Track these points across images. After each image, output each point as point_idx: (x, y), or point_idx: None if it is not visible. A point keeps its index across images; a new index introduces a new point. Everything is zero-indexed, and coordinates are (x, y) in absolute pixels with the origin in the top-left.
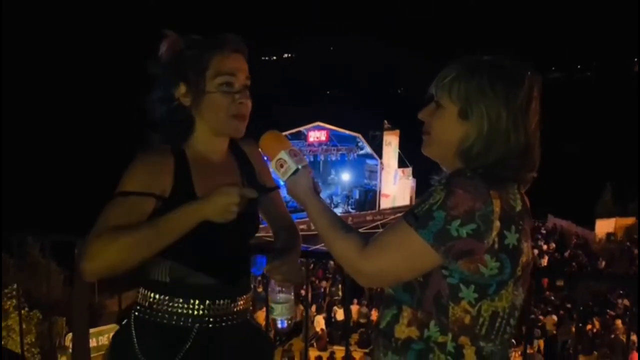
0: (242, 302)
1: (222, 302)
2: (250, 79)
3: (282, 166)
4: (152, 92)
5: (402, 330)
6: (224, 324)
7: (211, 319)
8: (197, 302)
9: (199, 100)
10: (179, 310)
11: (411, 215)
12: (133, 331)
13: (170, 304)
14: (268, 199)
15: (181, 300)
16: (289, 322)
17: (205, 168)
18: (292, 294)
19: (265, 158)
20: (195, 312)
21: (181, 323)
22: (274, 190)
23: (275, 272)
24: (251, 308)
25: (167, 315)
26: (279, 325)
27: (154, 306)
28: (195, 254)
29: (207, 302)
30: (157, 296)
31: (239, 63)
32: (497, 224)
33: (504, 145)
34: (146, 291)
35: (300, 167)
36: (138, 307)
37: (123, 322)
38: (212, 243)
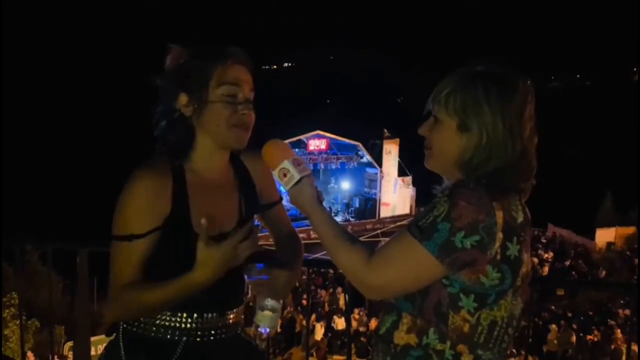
0: (232, 316)
1: (210, 315)
2: (254, 91)
3: (285, 175)
4: (155, 106)
5: (401, 337)
6: (212, 337)
7: (199, 332)
8: (185, 315)
9: (201, 111)
10: (167, 323)
11: (415, 227)
12: (121, 344)
13: (158, 316)
14: (270, 213)
15: (169, 313)
16: (271, 331)
17: (203, 188)
18: (281, 304)
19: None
20: (183, 325)
21: (168, 336)
22: (275, 205)
23: (260, 287)
24: (243, 322)
25: (154, 328)
26: (260, 331)
27: (142, 319)
28: (184, 268)
29: (195, 315)
30: None
31: (242, 74)
32: (500, 235)
33: (503, 154)
34: None
35: (303, 176)
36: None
37: (112, 335)
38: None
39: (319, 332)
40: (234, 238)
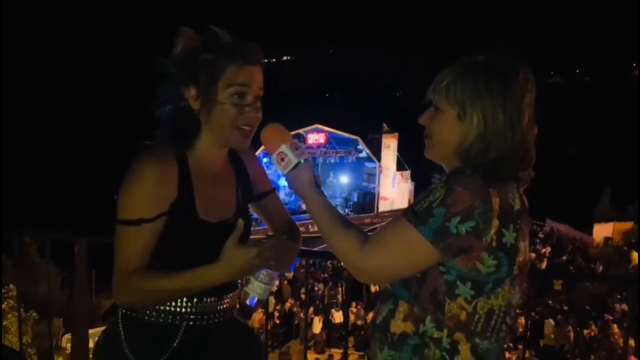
0: (228, 300)
1: (208, 300)
2: (263, 89)
3: (282, 160)
4: (162, 89)
5: (398, 325)
6: (211, 321)
7: (198, 317)
8: (184, 300)
9: (209, 109)
10: (166, 308)
11: (411, 212)
12: (121, 329)
13: None
14: (265, 203)
15: None
16: (259, 303)
17: (204, 178)
18: (276, 278)
19: (266, 152)
20: (183, 310)
21: (169, 321)
22: (269, 194)
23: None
24: (238, 306)
25: (154, 313)
26: (248, 302)
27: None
28: (183, 254)
29: (194, 299)
30: None
31: (254, 75)
32: (496, 222)
33: (502, 143)
34: None
35: (301, 160)
36: None
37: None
38: (200, 243)
39: (317, 325)
40: (265, 245)
